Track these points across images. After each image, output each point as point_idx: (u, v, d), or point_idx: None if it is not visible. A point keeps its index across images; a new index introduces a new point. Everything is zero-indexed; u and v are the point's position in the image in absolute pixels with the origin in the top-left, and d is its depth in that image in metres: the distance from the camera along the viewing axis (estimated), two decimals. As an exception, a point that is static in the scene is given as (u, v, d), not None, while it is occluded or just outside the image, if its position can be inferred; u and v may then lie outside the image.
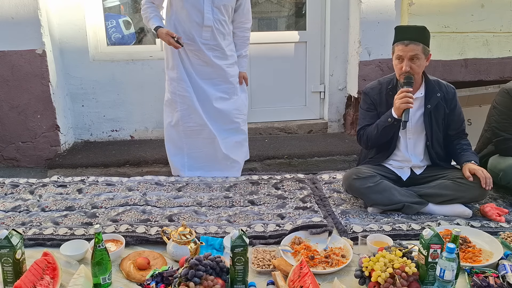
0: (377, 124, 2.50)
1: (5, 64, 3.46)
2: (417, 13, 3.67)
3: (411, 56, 2.38)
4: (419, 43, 2.38)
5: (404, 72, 2.40)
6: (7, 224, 2.39)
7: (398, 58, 2.43)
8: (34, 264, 1.80)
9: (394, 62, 2.48)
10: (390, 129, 2.48)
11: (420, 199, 2.49)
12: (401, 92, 2.38)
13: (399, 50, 2.41)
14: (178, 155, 3.10)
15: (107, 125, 4.00)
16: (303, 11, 4.17)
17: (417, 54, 2.38)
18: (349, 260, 2.01)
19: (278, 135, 4.16)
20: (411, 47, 2.37)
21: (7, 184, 2.93)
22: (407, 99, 2.34)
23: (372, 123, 2.56)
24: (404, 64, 2.39)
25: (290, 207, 2.59)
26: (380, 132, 2.49)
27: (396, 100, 2.39)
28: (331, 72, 4.13)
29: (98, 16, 3.86)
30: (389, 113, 2.45)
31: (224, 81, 3.00)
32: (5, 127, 3.59)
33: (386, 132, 2.49)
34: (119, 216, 2.43)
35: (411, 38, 2.38)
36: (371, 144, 2.59)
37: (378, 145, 2.59)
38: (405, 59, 2.39)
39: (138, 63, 3.87)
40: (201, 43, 2.86)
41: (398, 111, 2.39)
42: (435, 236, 1.74)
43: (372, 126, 2.54)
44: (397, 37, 2.45)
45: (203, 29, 2.83)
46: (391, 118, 2.43)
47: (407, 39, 2.38)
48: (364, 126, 2.60)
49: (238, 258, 1.75)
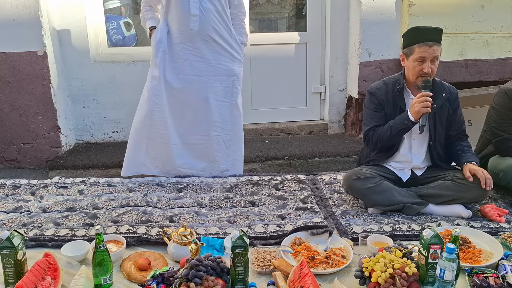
0: (391, 126, 2.47)
1: (7, 65, 3.47)
2: (418, 14, 3.67)
3: (434, 57, 2.37)
4: (440, 44, 2.39)
5: (427, 73, 2.38)
6: (8, 225, 2.39)
7: (420, 60, 2.39)
8: (35, 265, 1.80)
9: (412, 64, 2.43)
10: (404, 132, 2.47)
11: (420, 199, 2.50)
12: (421, 95, 2.36)
13: (423, 51, 2.37)
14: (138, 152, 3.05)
15: (108, 126, 4.01)
16: (304, 12, 4.18)
17: (438, 55, 2.39)
18: (349, 260, 2.01)
19: (278, 136, 4.17)
20: (434, 48, 2.36)
21: (8, 185, 2.94)
22: (427, 103, 2.34)
23: (380, 123, 2.54)
24: (427, 66, 2.37)
25: (290, 207, 2.60)
26: (394, 135, 2.47)
27: (415, 104, 2.37)
28: (331, 73, 4.13)
29: (99, 17, 3.87)
30: (405, 115, 2.43)
31: (219, 80, 2.95)
32: (6, 129, 3.60)
33: (400, 135, 2.49)
34: (120, 217, 2.44)
35: (434, 39, 2.37)
36: (381, 145, 2.55)
37: (388, 146, 2.57)
38: (427, 60, 2.37)
39: (138, 64, 3.88)
40: (191, 34, 2.83)
41: (417, 115, 2.37)
42: (435, 237, 1.75)
43: (383, 127, 2.51)
44: (419, 38, 2.39)
45: (190, 18, 2.79)
46: (407, 121, 2.41)
47: (431, 40, 2.36)
48: (373, 127, 2.56)
49: (238, 258, 1.76)
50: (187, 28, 2.82)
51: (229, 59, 2.96)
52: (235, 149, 3.14)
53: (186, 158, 3.07)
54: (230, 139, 3.10)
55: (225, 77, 2.97)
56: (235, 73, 3.00)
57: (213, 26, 2.84)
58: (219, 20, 2.86)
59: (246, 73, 4.10)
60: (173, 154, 3.02)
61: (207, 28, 2.83)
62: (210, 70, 2.93)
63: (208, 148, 3.06)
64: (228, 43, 2.92)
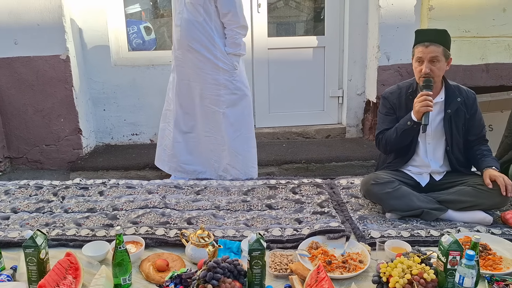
0: (396, 128, 2.49)
1: (31, 69, 3.56)
2: (437, 18, 3.64)
3: (431, 57, 2.36)
4: (440, 45, 2.37)
5: (424, 74, 2.38)
6: (31, 224, 2.46)
7: (418, 60, 2.41)
8: (57, 264, 1.85)
9: (414, 65, 2.46)
10: (409, 133, 2.46)
11: (439, 205, 2.47)
12: (420, 95, 2.36)
13: (419, 51, 2.39)
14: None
15: (128, 129, 4.08)
16: (322, 16, 4.18)
17: (437, 56, 2.37)
18: (366, 265, 2.00)
19: (296, 139, 4.17)
20: (431, 48, 2.36)
21: (31, 186, 3.01)
22: (427, 102, 2.33)
23: (391, 127, 2.55)
24: (424, 66, 2.37)
25: (307, 211, 2.60)
26: (399, 136, 2.47)
27: (415, 104, 2.37)
28: (349, 77, 4.12)
29: (120, 22, 3.94)
30: (408, 116, 2.44)
31: (204, 87, 3.05)
32: (29, 130, 3.69)
33: (406, 136, 2.48)
34: (139, 218, 2.48)
35: (432, 39, 2.37)
36: (390, 148, 2.57)
37: (397, 149, 2.57)
38: (425, 60, 2.37)
39: (158, 68, 3.94)
40: (178, 43, 3.00)
41: (418, 115, 2.37)
42: (454, 243, 1.73)
43: (391, 130, 2.53)
44: (417, 39, 2.44)
45: (174, 28, 3.01)
46: (410, 121, 2.41)
47: (427, 40, 2.37)
48: (383, 130, 2.58)
49: (255, 261, 1.77)
50: (175, 37, 3.03)
51: (214, 68, 3.01)
52: (227, 155, 3.18)
53: (186, 156, 3.25)
54: (222, 144, 3.17)
55: (209, 86, 3.06)
56: (220, 83, 3.04)
57: (193, 36, 2.93)
58: (201, 31, 2.92)
59: (263, 77, 4.13)
60: (176, 151, 3.23)
61: (188, 38, 2.95)
62: (195, 77, 3.06)
63: (204, 148, 3.21)
64: (211, 53, 2.97)
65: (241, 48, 3.05)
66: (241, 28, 3.00)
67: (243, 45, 3.06)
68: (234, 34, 2.98)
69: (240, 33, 3.00)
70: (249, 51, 4.06)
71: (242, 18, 2.99)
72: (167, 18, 4.14)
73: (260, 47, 4.07)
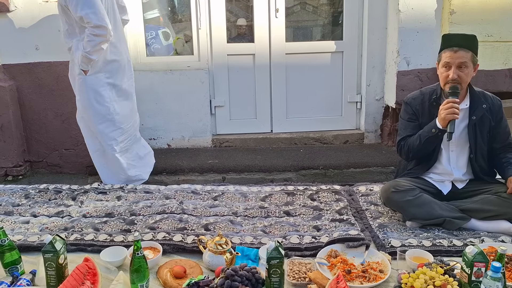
0: (420, 135, 2.43)
1: (51, 74, 3.61)
2: (459, 22, 3.57)
3: (459, 63, 2.31)
4: (468, 51, 2.32)
5: (452, 80, 2.32)
6: (50, 228, 2.48)
7: (445, 66, 2.35)
8: (75, 269, 1.85)
9: (440, 70, 2.40)
10: (433, 140, 2.40)
11: (462, 214, 2.40)
12: (447, 102, 2.30)
13: (447, 56, 2.33)
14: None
15: (146, 133, 4.09)
16: (339, 21, 4.14)
17: (465, 61, 2.31)
18: (387, 275, 1.96)
19: (313, 145, 4.13)
20: (460, 53, 2.31)
21: (51, 190, 3.05)
22: (454, 110, 2.27)
23: (413, 133, 2.49)
24: (452, 72, 2.32)
25: (326, 219, 2.56)
26: (422, 143, 2.41)
27: (441, 111, 2.31)
28: (368, 82, 4.07)
29: (138, 27, 3.97)
30: (433, 123, 2.38)
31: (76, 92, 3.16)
32: (49, 135, 3.74)
33: (429, 143, 2.42)
34: (156, 224, 2.48)
35: (461, 45, 2.31)
36: (412, 156, 2.51)
37: (419, 156, 2.51)
38: (453, 66, 2.32)
39: (176, 73, 3.95)
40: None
41: (444, 122, 2.31)
42: (479, 254, 1.68)
43: (414, 136, 2.47)
44: (445, 44, 2.38)
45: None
46: (435, 129, 2.35)
47: (456, 45, 2.31)
48: (405, 137, 2.52)
49: (274, 270, 1.75)
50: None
51: (80, 72, 3.04)
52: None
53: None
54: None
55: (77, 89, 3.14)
56: (78, 88, 3.11)
57: (67, 42, 3.08)
58: (68, 37, 3.06)
59: (281, 82, 4.11)
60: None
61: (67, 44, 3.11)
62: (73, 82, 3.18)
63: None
64: (76, 57, 3.01)
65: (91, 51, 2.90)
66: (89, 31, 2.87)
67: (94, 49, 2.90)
68: (85, 37, 2.89)
69: (90, 35, 2.87)
70: (267, 56, 4.05)
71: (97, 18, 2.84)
72: (185, 23, 4.16)
73: (278, 52, 4.06)
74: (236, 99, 4.15)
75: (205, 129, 4.09)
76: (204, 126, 4.07)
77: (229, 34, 4.07)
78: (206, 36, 3.98)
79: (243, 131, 4.20)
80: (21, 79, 3.63)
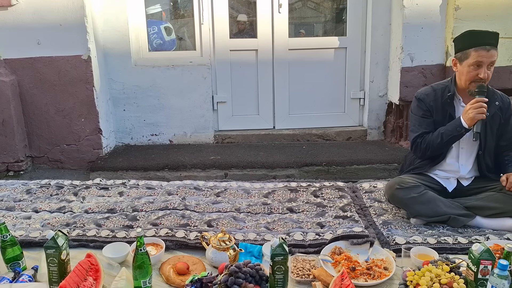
0: (442, 133, 2.37)
1: (53, 69, 3.59)
2: (464, 18, 3.54)
3: (491, 62, 2.28)
4: (497, 49, 2.29)
5: (482, 79, 2.28)
6: (52, 224, 2.46)
7: (476, 64, 2.29)
8: (78, 265, 1.83)
9: (466, 69, 2.33)
10: (456, 139, 2.38)
11: (467, 211, 2.38)
12: (476, 101, 2.26)
13: (480, 55, 2.27)
14: None
15: (147, 129, 4.08)
16: (342, 17, 4.12)
17: (495, 61, 2.29)
18: (392, 273, 1.94)
19: (316, 141, 4.11)
20: (492, 52, 2.27)
21: (52, 185, 3.03)
22: (483, 109, 2.24)
23: (429, 130, 2.45)
24: (483, 71, 2.28)
25: (329, 215, 2.55)
26: (445, 142, 2.37)
27: (470, 110, 2.27)
28: (371, 78, 4.05)
29: (140, 22, 3.95)
30: (457, 122, 2.33)
31: None
32: (51, 130, 3.72)
33: (451, 142, 2.39)
34: (159, 220, 2.46)
35: (492, 43, 2.27)
36: (430, 153, 2.45)
37: (437, 154, 2.47)
38: (484, 65, 2.28)
39: (178, 69, 3.93)
40: None
41: (471, 121, 2.27)
42: (486, 252, 1.66)
43: (433, 134, 2.42)
44: (475, 42, 2.30)
45: None
46: (460, 128, 2.32)
47: (488, 44, 2.27)
48: (422, 134, 2.46)
49: (278, 266, 1.73)
50: None
51: None
52: None
53: None
54: None
55: None
56: None
57: None
58: None
59: (284, 77, 4.09)
60: None
61: None
62: None
63: None
64: None
65: None
66: None
67: None
68: None
69: None
70: (270, 52, 4.03)
71: None
72: (188, 18, 4.14)
73: (281, 48, 4.03)
74: (238, 95, 4.13)
75: (207, 125, 4.07)
76: (206, 122, 4.06)
77: (231, 29, 4.05)
78: (208, 31, 3.96)
79: (246, 127, 4.18)
80: (23, 73, 3.61)
